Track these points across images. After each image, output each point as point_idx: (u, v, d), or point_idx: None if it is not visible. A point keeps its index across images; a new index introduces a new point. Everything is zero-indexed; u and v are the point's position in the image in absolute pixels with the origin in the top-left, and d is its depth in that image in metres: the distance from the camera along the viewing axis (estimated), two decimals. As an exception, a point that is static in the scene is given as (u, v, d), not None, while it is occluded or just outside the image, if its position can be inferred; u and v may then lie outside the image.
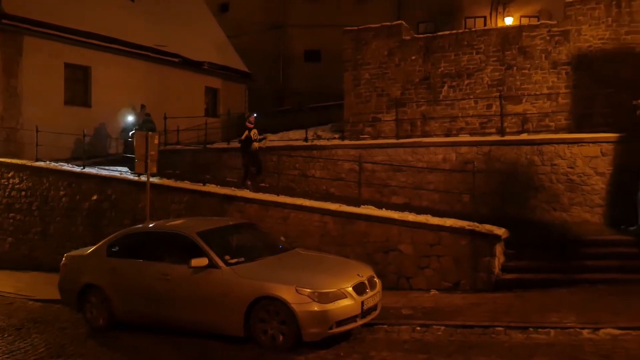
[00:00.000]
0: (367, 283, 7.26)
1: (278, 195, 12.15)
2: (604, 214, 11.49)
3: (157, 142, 11.43)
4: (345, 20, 21.36)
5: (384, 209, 11.20)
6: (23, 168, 14.75)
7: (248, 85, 25.61)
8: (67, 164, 15.26)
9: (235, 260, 7.46)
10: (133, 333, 8.03)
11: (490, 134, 13.96)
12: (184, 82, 21.56)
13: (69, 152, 17.07)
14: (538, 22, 17.32)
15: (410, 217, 10.51)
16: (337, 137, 16.45)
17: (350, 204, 11.41)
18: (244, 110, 24.49)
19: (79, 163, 15.30)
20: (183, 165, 15.94)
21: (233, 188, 13.00)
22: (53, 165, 14.76)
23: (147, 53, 20.08)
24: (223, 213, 11.99)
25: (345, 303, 6.82)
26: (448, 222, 10.10)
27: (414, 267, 10.09)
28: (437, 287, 9.79)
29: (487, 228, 9.79)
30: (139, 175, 12.92)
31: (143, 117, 16.16)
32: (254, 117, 14.21)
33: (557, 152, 12.01)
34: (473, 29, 16.23)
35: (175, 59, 21.20)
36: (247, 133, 13.75)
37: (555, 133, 13.17)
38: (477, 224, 9.90)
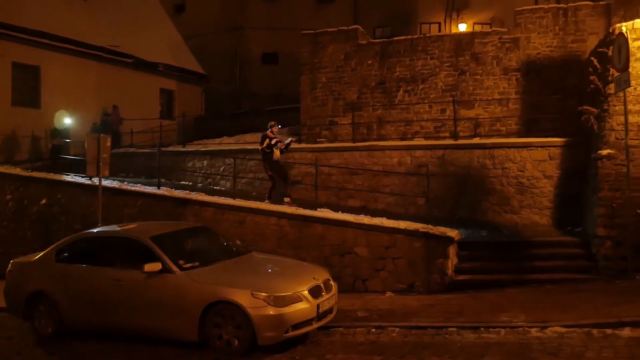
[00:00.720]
0: (322, 286, 7.28)
1: (234, 199, 12.07)
2: (552, 216, 11.89)
3: (109, 144, 11.19)
4: (304, 24, 21.45)
5: (341, 212, 11.28)
6: (-36, 171, 14.22)
7: (205, 88, 25.36)
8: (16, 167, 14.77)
9: (190, 265, 7.37)
10: (84, 341, 7.82)
11: (444, 138, 14.24)
12: (139, 83, 21.18)
13: (26, 154, 16.60)
14: (490, 29, 17.81)
15: (366, 220, 10.61)
16: (293, 140, 16.44)
17: (307, 207, 11.43)
18: (200, 112, 24.27)
19: (27, 166, 14.83)
20: (137, 169, 15.65)
21: (188, 191, 12.83)
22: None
23: (99, 53, 19.66)
24: (178, 217, 11.82)
25: (301, 306, 6.83)
26: (403, 224, 10.25)
27: (370, 269, 10.19)
28: (392, 289, 9.91)
29: (440, 230, 9.98)
30: (91, 179, 12.60)
31: (117, 118, 15.74)
32: (279, 127, 13.05)
33: (507, 156, 12.36)
34: (427, 35, 16.52)
35: (129, 60, 20.80)
36: (267, 141, 12.52)
37: (506, 137, 13.54)
38: (431, 227, 10.07)
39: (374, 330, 7.51)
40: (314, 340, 7.27)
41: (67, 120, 16.81)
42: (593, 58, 11.27)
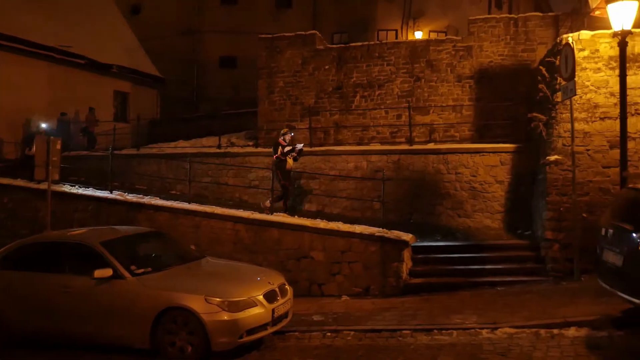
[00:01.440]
0: (278, 291, 7.26)
1: (189, 203, 11.90)
2: (503, 220, 12.20)
3: (59, 147, 10.85)
4: (262, 29, 21.35)
5: (297, 217, 11.27)
6: None
7: (160, 91, 24.91)
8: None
9: (142, 270, 7.22)
10: (32, 351, 7.50)
11: (400, 143, 14.46)
12: (91, 85, 20.60)
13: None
14: (445, 37, 18.20)
15: (322, 224, 10.64)
16: (251, 144, 16.40)
17: (264, 212, 11.39)
18: (156, 116, 23.84)
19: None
20: (89, 172, 15.23)
21: (142, 195, 12.59)
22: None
23: (50, 54, 19.03)
24: (131, 222, 11.57)
25: (256, 311, 6.78)
26: (359, 229, 10.33)
27: (326, 273, 10.22)
28: (348, 292, 9.97)
29: (395, 234, 10.10)
30: (39, 182, 12.20)
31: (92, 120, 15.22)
32: (291, 136, 12.42)
33: (461, 161, 12.62)
34: (384, 42, 16.76)
35: (82, 61, 20.24)
36: (280, 150, 12.05)
37: (460, 143, 13.86)
38: (386, 231, 10.19)
39: (330, 334, 7.52)
40: (269, 345, 7.23)
41: (43, 125, 16.21)
42: (542, 67, 11.65)
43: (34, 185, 12.67)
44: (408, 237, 10.13)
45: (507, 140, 12.89)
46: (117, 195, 12.40)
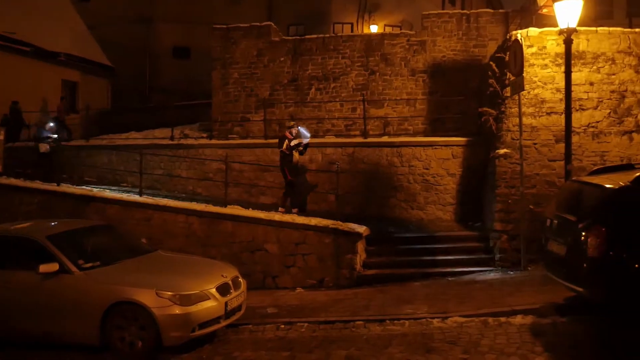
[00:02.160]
0: (231, 284, 7.21)
1: (141, 196, 11.66)
2: (455, 212, 12.46)
3: (2, 137, 10.43)
4: (217, 18, 20.98)
5: (252, 209, 11.20)
6: None
7: (111, 81, 24.23)
8: None
9: (90, 265, 7.06)
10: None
11: (355, 136, 14.55)
12: (38, 74, 19.84)
13: None
14: (400, 31, 18.38)
15: (277, 216, 10.62)
16: (205, 136, 16.15)
17: (218, 204, 11.27)
18: (107, 106, 23.20)
19: None
20: (35, 164, 14.68)
21: (91, 188, 12.25)
22: None
23: (-7, 40, 18.24)
24: (80, 215, 11.23)
25: (208, 305, 6.73)
26: (313, 221, 10.35)
27: (280, 266, 10.21)
28: (302, 285, 9.99)
29: (349, 226, 10.17)
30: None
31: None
32: (298, 129, 11.93)
33: (414, 154, 12.80)
34: (339, 35, 16.79)
35: (27, 48, 19.43)
36: (287, 143, 11.62)
37: (413, 136, 14.04)
38: (340, 223, 10.24)
39: (283, 327, 7.54)
40: (222, 339, 7.19)
41: None
42: (492, 62, 11.93)
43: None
44: (362, 229, 10.22)
45: (459, 134, 13.15)
46: (64, 188, 12.01)
